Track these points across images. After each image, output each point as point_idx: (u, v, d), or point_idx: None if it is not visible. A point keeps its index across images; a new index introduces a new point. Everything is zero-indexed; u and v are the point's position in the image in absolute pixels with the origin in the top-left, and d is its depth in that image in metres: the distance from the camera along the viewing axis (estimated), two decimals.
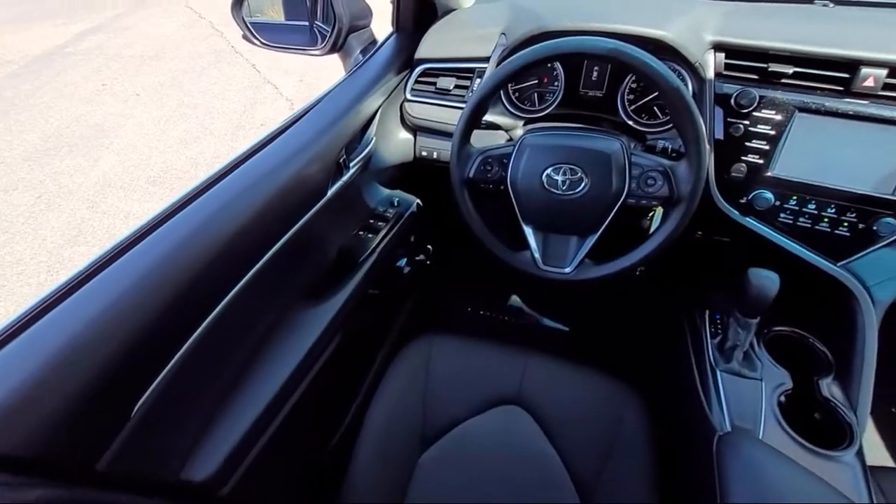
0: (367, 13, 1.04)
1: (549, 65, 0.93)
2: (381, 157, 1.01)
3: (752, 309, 0.75)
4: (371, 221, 1.03)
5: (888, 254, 0.76)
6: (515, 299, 1.52)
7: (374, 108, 0.94)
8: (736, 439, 0.66)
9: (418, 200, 1.14)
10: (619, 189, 0.72)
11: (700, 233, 0.98)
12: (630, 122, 0.89)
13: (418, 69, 0.97)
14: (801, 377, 0.80)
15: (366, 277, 0.96)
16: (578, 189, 0.72)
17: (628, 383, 0.89)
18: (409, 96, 0.98)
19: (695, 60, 0.77)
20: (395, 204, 1.08)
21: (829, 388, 0.77)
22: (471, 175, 0.79)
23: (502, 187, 0.78)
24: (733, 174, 0.80)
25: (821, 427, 0.74)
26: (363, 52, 1.03)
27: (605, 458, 0.81)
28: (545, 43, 0.66)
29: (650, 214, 1.01)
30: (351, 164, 0.88)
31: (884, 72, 0.70)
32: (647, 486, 0.77)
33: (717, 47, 0.78)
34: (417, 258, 1.38)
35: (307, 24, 1.08)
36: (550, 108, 0.93)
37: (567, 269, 0.80)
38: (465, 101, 0.94)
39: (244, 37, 0.99)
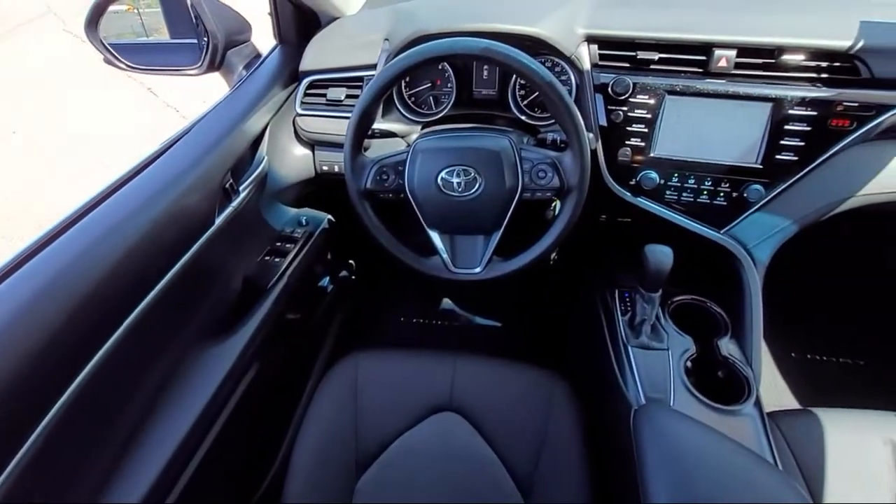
0: (246, 28, 0.99)
1: (439, 67, 0.93)
2: (279, 177, 0.96)
3: (653, 283, 0.79)
4: (278, 244, 0.97)
5: (760, 217, 0.83)
6: (447, 302, 1.51)
7: (262, 126, 0.89)
8: (649, 411, 0.69)
9: (329, 216, 1.10)
10: (514, 185, 0.73)
11: (604, 216, 1.03)
12: (523, 118, 0.91)
13: (305, 81, 0.93)
14: (704, 340, 0.85)
15: (279, 303, 0.91)
16: (474, 189, 0.72)
17: (555, 371, 0.91)
18: (299, 110, 0.93)
19: (570, 54, 0.80)
20: (304, 223, 1.04)
21: (728, 347, 0.82)
22: (368, 186, 0.76)
23: (402, 195, 0.77)
24: (620, 158, 0.83)
25: (724, 384, 0.80)
26: (246, 67, 0.98)
27: (539, 451, 0.82)
28: (417, 48, 0.66)
29: (553, 205, 1.04)
30: (241, 188, 0.83)
31: (733, 52, 0.77)
32: (580, 471, 0.79)
33: (590, 39, 0.81)
34: (341, 275, 1.34)
35: (181, 42, 1.00)
36: (445, 111, 0.93)
37: (477, 270, 0.80)
38: None
39: (106, 60, 0.90)
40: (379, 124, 0.89)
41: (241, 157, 0.83)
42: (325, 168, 0.98)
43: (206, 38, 0.91)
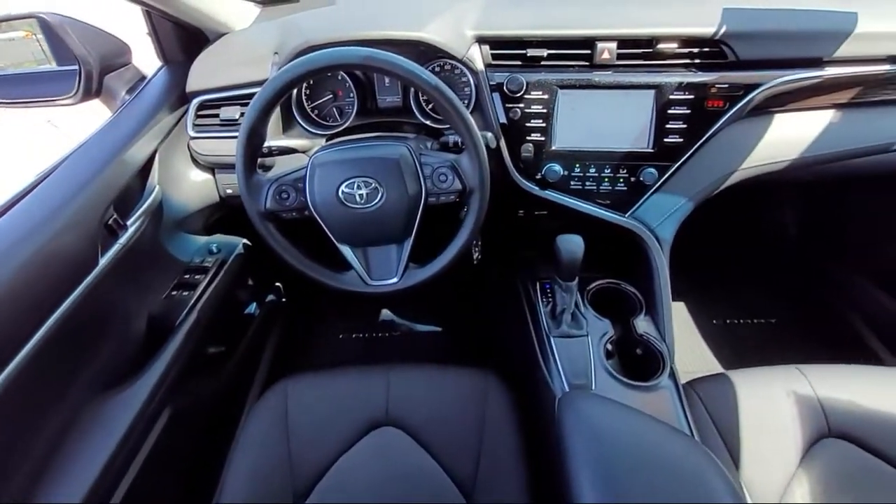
0: (124, 50, 0.92)
1: (338, 77, 0.91)
2: (178, 205, 0.90)
3: (567, 272, 0.81)
4: (186, 277, 0.91)
5: (659, 198, 0.87)
6: (386, 312, 1.49)
7: (149, 153, 0.83)
8: (570, 398, 0.70)
9: (244, 241, 1.05)
10: (417, 191, 0.72)
11: (522, 211, 1.05)
12: (427, 122, 0.91)
13: (195, 102, 0.88)
14: (624, 321, 0.89)
15: (192, 338, 0.85)
16: (377, 200, 0.71)
17: (488, 369, 0.92)
18: (192, 133, 0.88)
19: (462, 56, 0.81)
20: (215, 251, 0.98)
21: (643, 324, 0.86)
22: (268, 206, 0.73)
23: (307, 212, 0.74)
24: (524, 154, 0.85)
25: (643, 361, 0.83)
26: (130, 91, 0.91)
27: (478, 453, 0.81)
28: (296, 61, 0.63)
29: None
30: (129, 223, 0.77)
31: (614, 44, 0.80)
32: (518, 467, 0.80)
33: (481, 40, 0.82)
34: (268, 299, 1.28)
35: (63, 70, 0.91)
36: (349, 122, 0.91)
37: (394, 280, 0.78)
38: None
39: None
40: (279, 141, 0.86)
41: (126, 188, 0.77)
42: (228, 191, 0.93)
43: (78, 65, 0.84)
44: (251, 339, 1.18)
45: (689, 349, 1.38)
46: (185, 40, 0.92)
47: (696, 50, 0.81)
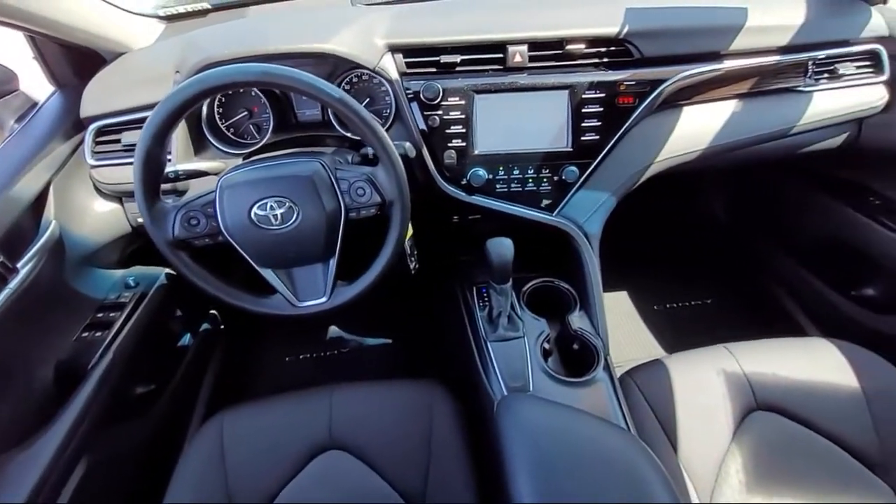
0: (10, 76, 0.84)
1: (251, 93, 0.88)
2: (82, 240, 0.84)
3: (500, 275, 0.81)
4: (100, 315, 0.85)
5: (584, 195, 0.89)
6: (333, 329, 1.45)
7: (41, 186, 0.76)
8: (507, 402, 0.70)
9: (167, 270, 0.99)
10: (335, 207, 0.70)
11: (456, 217, 1.04)
12: (348, 134, 0.88)
13: (92, 128, 0.82)
14: (559, 318, 0.90)
15: (109, 381, 0.79)
16: (293, 220, 0.68)
17: (433, 379, 0.90)
18: (91, 161, 0.82)
19: (373, 66, 0.79)
20: (132, 284, 0.92)
21: (577, 320, 0.87)
22: (176, 235, 0.69)
23: (221, 238, 0.70)
24: (447, 161, 0.85)
25: (580, 356, 0.84)
26: (19, 121, 0.84)
27: (427, 466, 0.80)
28: (188, 81, 0.60)
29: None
30: (20, 264, 0.70)
31: (525, 47, 0.81)
32: (466, 477, 0.78)
33: (393, 49, 0.81)
34: (203, 328, 1.21)
35: None
36: (266, 139, 0.87)
37: (323, 300, 0.76)
38: None
39: None
40: (190, 164, 0.81)
41: (15, 226, 0.71)
42: (140, 220, 0.87)
43: None
44: (186, 372, 1.11)
45: (633, 337, 1.42)
46: (78, 62, 0.86)
47: (603, 49, 0.83)
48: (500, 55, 0.82)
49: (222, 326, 1.27)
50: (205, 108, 0.85)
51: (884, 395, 0.81)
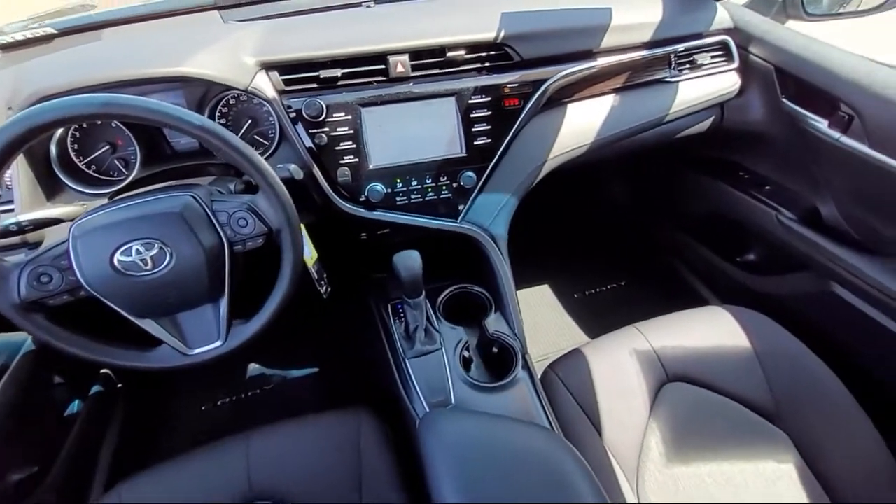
0: None
1: (112, 124, 0.79)
2: None
3: (411, 288, 0.79)
4: None
5: (485, 199, 0.90)
6: (254, 367, 1.35)
7: None
8: (428, 419, 0.68)
9: None
10: (215, 243, 0.64)
11: (364, 234, 1.01)
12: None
13: None
14: (477, 324, 0.89)
15: None
16: (167, 262, 0.61)
17: (361, 406, 0.86)
18: None
19: (245, 86, 0.74)
20: None
21: (494, 323, 0.88)
22: (23, 296, 0.59)
23: (83, 293, 0.62)
24: (341, 178, 0.82)
25: (500, 358, 0.85)
26: None
27: (359, 500, 0.76)
28: (11, 120, 0.52)
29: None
30: None
31: (406, 57, 0.80)
32: (403, 502, 0.75)
33: (267, 67, 0.77)
34: (93, 391, 1.08)
35: None
36: (134, 174, 0.79)
37: (218, 343, 0.69)
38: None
39: None
40: (40, 212, 0.71)
41: None
42: None
43: None
44: (77, 445, 0.97)
45: (558, 327, 1.47)
46: None
47: (484, 54, 0.84)
48: (382, 66, 0.80)
49: (119, 385, 1.13)
50: (53, 147, 0.75)
51: (771, 352, 0.89)
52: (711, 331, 0.94)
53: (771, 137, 1.06)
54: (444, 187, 0.86)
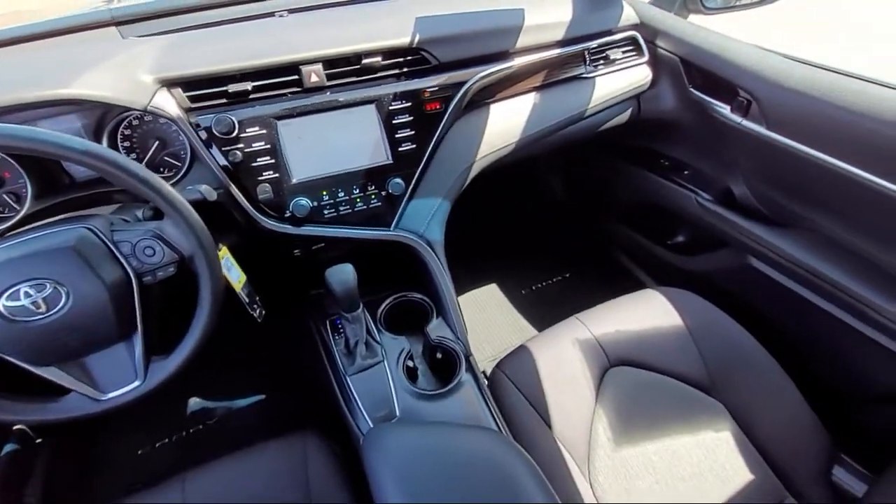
0: None
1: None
2: None
3: (348, 303, 0.76)
4: None
5: (416, 204, 0.89)
6: (195, 401, 1.27)
7: None
8: (371, 436, 0.66)
9: None
10: (120, 276, 0.59)
11: (297, 251, 0.97)
12: None
13: None
14: (421, 332, 0.88)
15: None
16: (63, 303, 0.56)
17: (306, 430, 0.82)
18: None
19: (143, 107, 0.69)
20: None
21: (436, 328, 0.87)
22: None
23: None
24: (262, 196, 0.78)
25: (446, 364, 0.84)
26: None
27: None
28: None
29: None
30: None
31: (319, 66, 0.78)
32: None
33: (168, 84, 0.72)
34: (7, 450, 0.97)
35: None
36: (26, 209, 0.71)
37: (136, 384, 0.64)
38: None
39: None
40: None
41: None
42: None
43: None
44: None
45: (507, 325, 1.48)
46: None
47: (401, 59, 0.84)
48: (295, 76, 0.78)
49: (38, 440, 1.02)
50: None
51: (702, 328, 0.93)
52: (647, 313, 0.97)
53: (684, 125, 1.12)
54: (373, 196, 0.84)
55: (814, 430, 0.84)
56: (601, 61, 1.05)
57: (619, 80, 1.07)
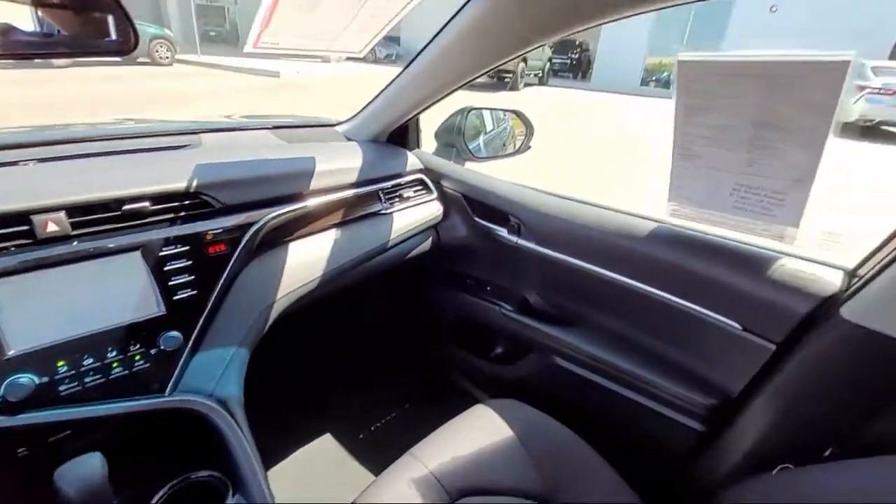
0: None
1: None
2: None
3: None
4: None
5: (201, 358, 0.76)
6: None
7: None
8: None
9: None
10: None
11: (22, 449, 0.71)
12: None
13: None
14: None
15: None
16: None
17: None
18: None
19: None
20: None
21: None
22: None
23: None
24: None
25: None
26: None
27: None
28: None
29: None
30: None
31: (62, 214, 0.67)
32: None
33: None
34: None
35: None
36: None
37: None
38: None
39: None
40: None
41: None
42: None
43: None
44: None
45: (342, 483, 1.29)
46: None
47: (176, 204, 0.77)
48: (27, 227, 0.64)
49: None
50: None
51: (529, 435, 0.93)
52: (480, 432, 0.95)
53: (478, 248, 1.26)
54: (137, 357, 0.69)
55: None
56: (396, 199, 1.16)
57: (415, 214, 1.18)
